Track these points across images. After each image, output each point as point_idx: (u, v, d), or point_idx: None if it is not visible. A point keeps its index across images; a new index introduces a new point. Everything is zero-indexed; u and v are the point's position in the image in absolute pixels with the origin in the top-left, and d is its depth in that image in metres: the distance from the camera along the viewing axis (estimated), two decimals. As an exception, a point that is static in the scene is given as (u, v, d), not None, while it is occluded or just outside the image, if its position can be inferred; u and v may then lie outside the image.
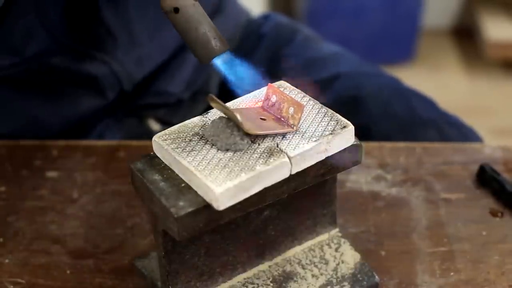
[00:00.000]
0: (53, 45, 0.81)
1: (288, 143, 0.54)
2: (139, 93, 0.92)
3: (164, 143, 0.55)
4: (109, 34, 0.84)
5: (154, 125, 0.96)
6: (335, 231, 0.66)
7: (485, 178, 0.76)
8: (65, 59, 0.83)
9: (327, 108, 0.58)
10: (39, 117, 0.88)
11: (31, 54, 0.80)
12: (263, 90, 0.60)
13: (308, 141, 0.54)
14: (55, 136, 0.87)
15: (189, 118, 0.58)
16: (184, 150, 0.54)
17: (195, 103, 0.98)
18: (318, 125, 0.56)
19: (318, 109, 0.58)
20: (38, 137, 0.85)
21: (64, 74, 0.84)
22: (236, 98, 0.61)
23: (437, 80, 2.23)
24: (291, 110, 0.56)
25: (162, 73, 0.94)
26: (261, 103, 0.59)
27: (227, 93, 0.64)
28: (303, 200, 0.62)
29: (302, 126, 0.56)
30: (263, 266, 0.63)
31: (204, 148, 0.55)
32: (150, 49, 0.90)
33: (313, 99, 0.59)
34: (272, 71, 1.01)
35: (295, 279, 0.62)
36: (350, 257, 0.64)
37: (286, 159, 0.53)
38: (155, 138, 0.56)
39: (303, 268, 0.63)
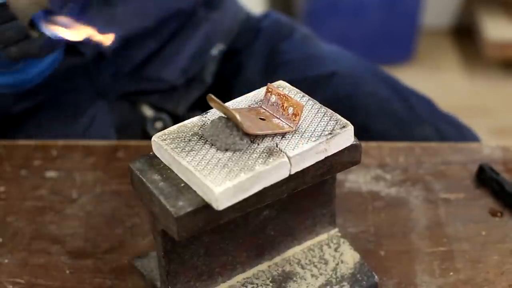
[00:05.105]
0: None
1: (288, 143, 0.54)
2: (132, 78, 0.92)
3: (164, 143, 0.55)
4: None
5: (147, 110, 0.96)
6: (334, 231, 0.66)
7: (484, 178, 0.76)
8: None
9: (326, 107, 0.58)
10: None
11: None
12: (263, 90, 0.60)
13: (307, 141, 0.54)
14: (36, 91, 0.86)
15: (183, 105, 0.57)
16: (184, 150, 0.54)
17: (188, 90, 0.98)
18: (317, 125, 0.56)
19: (317, 109, 0.58)
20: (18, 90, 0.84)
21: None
22: (232, 96, 0.61)
23: (437, 80, 2.23)
24: (291, 110, 0.56)
25: (156, 59, 0.94)
26: (261, 102, 0.59)
27: (222, 82, 0.63)
28: (303, 200, 0.62)
29: (302, 126, 0.56)
30: (263, 266, 0.63)
31: (203, 148, 0.55)
32: (125, 10, 0.89)
33: (312, 99, 0.59)
34: (269, 66, 1.01)
35: (294, 279, 0.62)
36: (349, 257, 0.64)
37: (286, 159, 0.53)
38: (154, 138, 0.56)
39: (303, 268, 0.63)
